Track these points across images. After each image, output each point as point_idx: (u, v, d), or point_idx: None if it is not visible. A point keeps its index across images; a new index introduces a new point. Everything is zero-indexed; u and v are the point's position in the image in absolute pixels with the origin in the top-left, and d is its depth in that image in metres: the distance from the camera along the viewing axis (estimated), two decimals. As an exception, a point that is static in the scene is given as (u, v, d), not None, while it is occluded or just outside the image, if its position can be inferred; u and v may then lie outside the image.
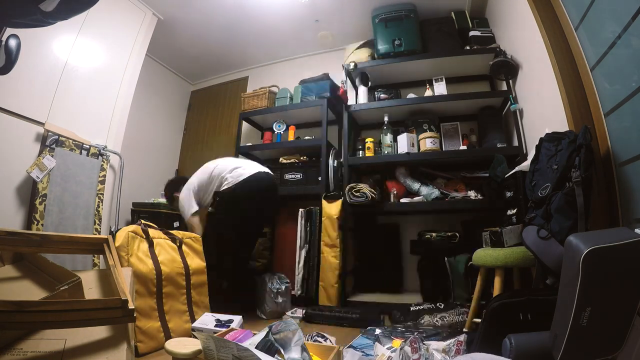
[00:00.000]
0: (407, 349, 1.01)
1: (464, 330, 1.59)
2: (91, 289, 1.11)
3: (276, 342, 0.98)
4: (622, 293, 0.81)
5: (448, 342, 1.04)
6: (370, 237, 2.62)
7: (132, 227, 1.53)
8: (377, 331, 1.51)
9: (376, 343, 1.14)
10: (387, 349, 1.08)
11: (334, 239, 2.25)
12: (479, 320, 1.44)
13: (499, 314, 1.14)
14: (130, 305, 0.89)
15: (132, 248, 1.46)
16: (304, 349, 0.98)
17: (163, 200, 2.62)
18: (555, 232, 1.11)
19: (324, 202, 2.35)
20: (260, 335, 1.01)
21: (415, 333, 1.29)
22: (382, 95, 2.71)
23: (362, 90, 2.70)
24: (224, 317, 1.40)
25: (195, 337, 1.06)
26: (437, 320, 1.68)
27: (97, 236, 1.33)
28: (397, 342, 1.09)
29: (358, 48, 2.84)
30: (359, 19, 2.85)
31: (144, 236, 1.54)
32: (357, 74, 2.73)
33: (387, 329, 1.53)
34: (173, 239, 1.68)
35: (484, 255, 1.53)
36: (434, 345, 1.05)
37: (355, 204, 2.29)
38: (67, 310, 0.81)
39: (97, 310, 0.85)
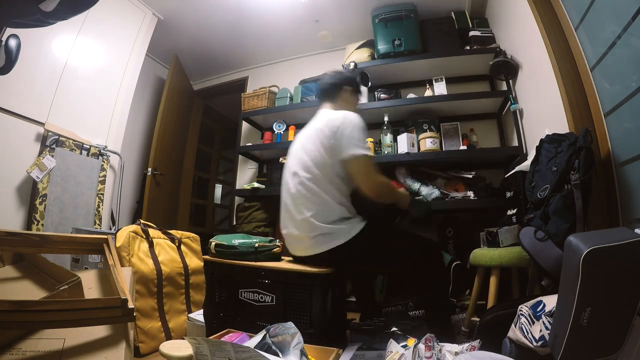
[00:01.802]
0: (421, 346, 1.01)
1: (463, 329, 1.60)
2: (91, 289, 1.11)
3: (274, 346, 0.96)
4: (622, 293, 0.81)
5: (462, 346, 1.05)
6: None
7: (133, 227, 1.54)
8: (394, 329, 1.53)
9: (391, 340, 1.15)
10: (402, 347, 1.09)
11: (334, 239, 2.25)
12: (477, 319, 1.45)
13: (492, 327, 1.17)
14: (130, 305, 0.88)
15: (133, 248, 1.46)
16: (303, 353, 0.96)
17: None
18: (552, 234, 1.12)
19: (324, 202, 2.34)
20: (257, 338, 0.99)
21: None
22: (382, 95, 2.71)
23: (362, 90, 2.69)
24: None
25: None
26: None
27: (97, 236, 1.33)
28: (411, 341, 1.10)
29: (358, 48, 2.84)
30: (359, 19, 2.85)
31: (144, 236, 1.54)
32: (357, 74, 2.73)
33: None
34: (172, 238, 1.68)
35: (480, 255, 1.54)
36: (448, 347, 1.06)
37: (355, 204, 2.28)
38: (68, 310, 0.81)
39: (97, 309, 0.84)
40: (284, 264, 1.38)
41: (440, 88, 2.52)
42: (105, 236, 1.32)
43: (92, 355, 0.82)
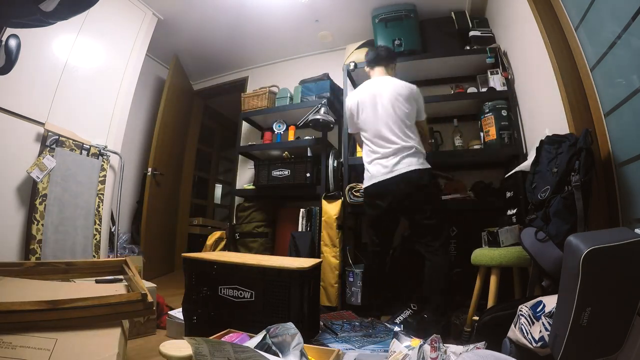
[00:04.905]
0: (427, 347, 1.02)
1: (464, 328, 1.60)
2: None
3: (274, 346, 0.97)
4: (622, 293, 0.81)
5: (466, 347, 1.06)
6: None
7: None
8: (396, 328, 1.55)
9: (394, 339, 1.14)
10: (405, 347, 1.09)
11: (333, 238, 2.25)
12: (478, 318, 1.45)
13: (491, 327, 1.18)
14: (149, 299, 0.96)
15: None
16: (303, 353, 0.96)
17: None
18: (553, 235, 1.12)
19: (323, 202, 2.35)
20: (257, 338, 1.00)
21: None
22: None
23: None
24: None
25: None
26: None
27: (117, 259, 1.52)
28: (415, 341, 1.10)
29: (358, 48, 2.83)
30: (359, 19, 2.85)
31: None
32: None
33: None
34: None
35: (480, 254, 1.54)
36: (452, 348, 1.06)
37: (355, 204, 2.29)
38: (97, 306, 0.89)
39: (122, 304, 0.93)
40: (264, 261, 1.41)
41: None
42: (123, 258, 1.45)
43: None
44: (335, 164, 2.54)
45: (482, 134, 2.33)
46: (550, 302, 0.95)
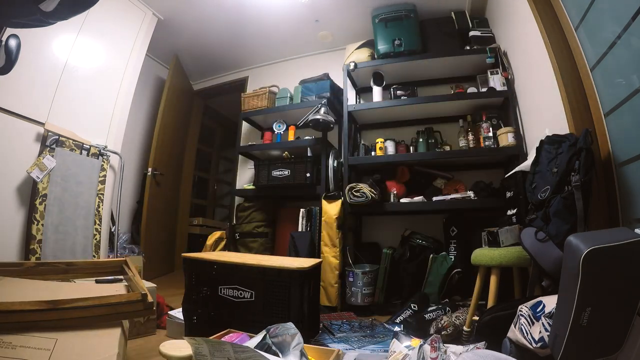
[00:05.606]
0: (427, 347, 1.02)
1: (464, 328, 1.60)
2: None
3: (274, 346, 0.97)
4: (622, 293, 0.81)
5: (466, 347, 1.06)
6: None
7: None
8: (396, 329, 1.55)
9: (394, 340, 1.14)
10: (405, 347, 1.09)
11: (333, 238, 2.25)
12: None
13: (491, 327, 1.18)
14: (149, 299, 0.97)
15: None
16: (303, 354, 0.96)
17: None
18: (552, 236, 1.12)
19: (323, 202, 2.35)
20: (257, 338, 1.00)
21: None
22: (398, 92, 2.68)
23: (377, 90, 2.65)
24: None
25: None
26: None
27: (117, 259, 1.53)
28: (416, 341, 1.10)
29: (358, 48, 2.84)
30: (359, 19, 2.85)
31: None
32: (369, 75, 2.70)
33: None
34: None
35: (480, 254, 1.54)
36: (453, 348, 1.07)
37: (355, 204, 2.28)
38: (97, 306, 0.90)
39: (122, 304, 0.93)
40: (264, 261, 1.41)
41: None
42: (123, 258, 1.46)
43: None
44: (335, 164, 2.54)
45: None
46: (550, 302, 0.95)
